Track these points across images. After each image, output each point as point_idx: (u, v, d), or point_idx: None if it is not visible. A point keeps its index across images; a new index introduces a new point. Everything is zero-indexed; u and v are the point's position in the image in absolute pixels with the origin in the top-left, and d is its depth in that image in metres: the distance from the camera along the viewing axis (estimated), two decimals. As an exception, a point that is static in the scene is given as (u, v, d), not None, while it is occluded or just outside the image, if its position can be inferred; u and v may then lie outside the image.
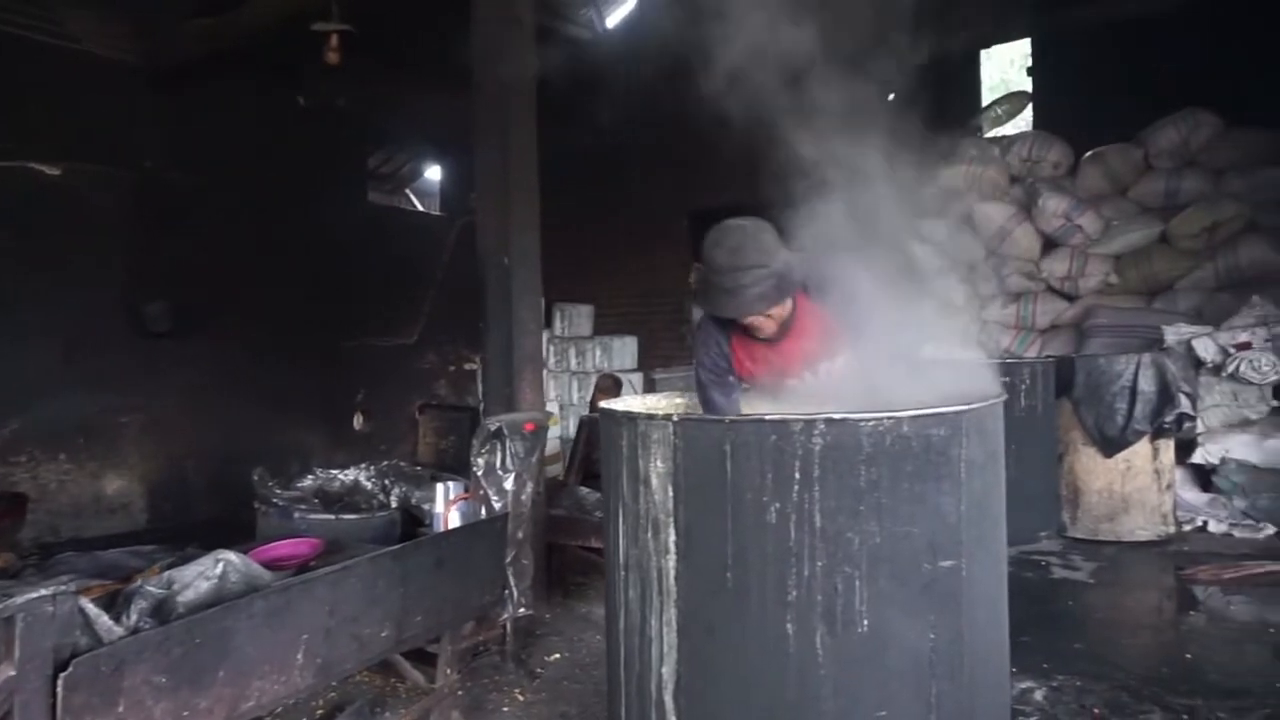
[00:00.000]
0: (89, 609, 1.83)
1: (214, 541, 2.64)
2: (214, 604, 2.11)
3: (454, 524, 3.38)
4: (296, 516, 3.59)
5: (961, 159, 7.11)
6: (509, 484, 3.27)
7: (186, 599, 2.17)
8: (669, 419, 1.74)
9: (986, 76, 8.33)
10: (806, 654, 1.62)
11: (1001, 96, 7.96)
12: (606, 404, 2.10)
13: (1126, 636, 3.68)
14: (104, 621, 1.86)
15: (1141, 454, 5.03)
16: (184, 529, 5.51)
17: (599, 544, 3.90)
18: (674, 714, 1.76)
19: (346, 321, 7.49)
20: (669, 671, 1.77)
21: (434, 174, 12.24)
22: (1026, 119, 7.85)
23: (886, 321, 2.23)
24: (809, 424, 1.61)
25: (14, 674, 1.64)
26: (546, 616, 4.01)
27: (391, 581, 2.61)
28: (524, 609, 3.33)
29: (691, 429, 1.73)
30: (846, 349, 2.28)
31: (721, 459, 1.66)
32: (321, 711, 3.07)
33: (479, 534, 3.14)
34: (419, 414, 6.80)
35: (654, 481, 1.77)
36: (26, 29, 5.77)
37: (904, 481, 1.63)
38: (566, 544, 4.27)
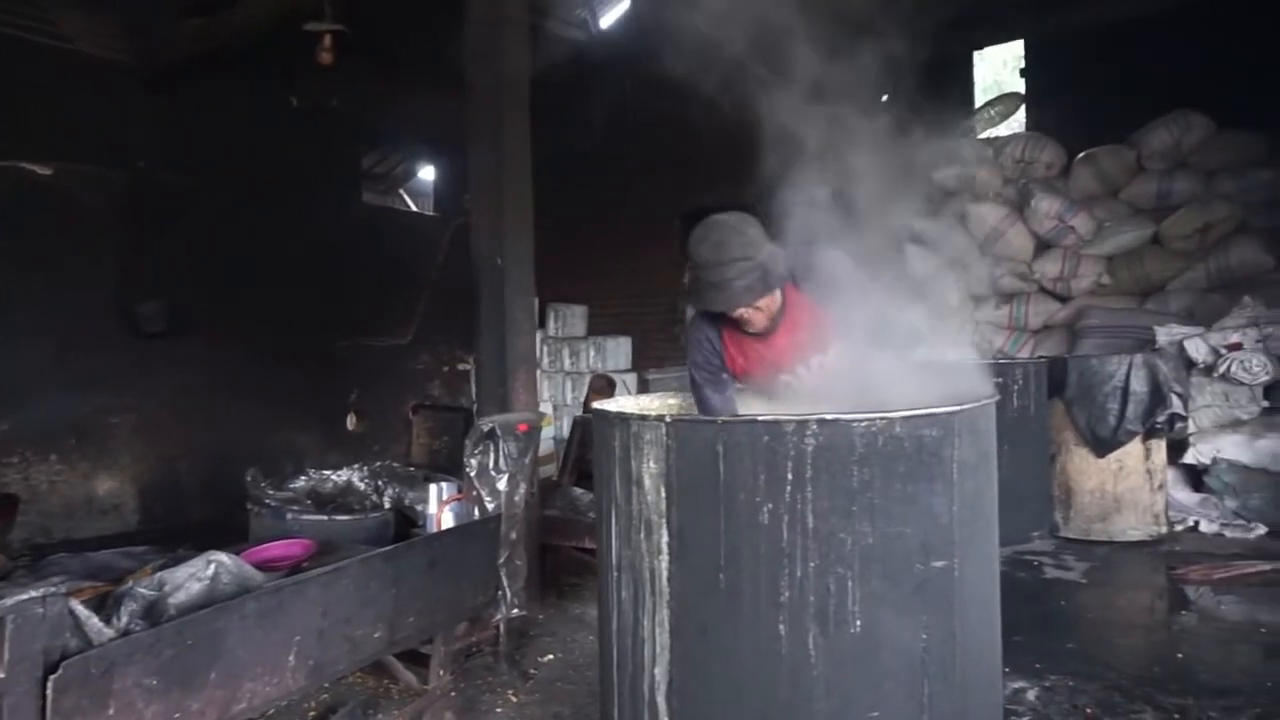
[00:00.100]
0: (79, 611, 1.82)
1: (206, 542, 2.63)
2: (206, 605, 2.10)
3: (447, 525, 3.37)
4: (289, 517, 3.58)
5: (955, 160, 7.13)
6: (502, 485, 3.27)
7: (178, 600, 2.16)
8: (661, 419, 1.74)
9: (979, 78, 8.35)
10: (799, 655, 1.62)
11: (995, 98, 7.97)
12: (599, 404, 2.10)
13: (1118, 636, 3.69)
14: (94, 623, 1.85)
15: (1134, 454, 5.06)
16: (176, 530, 5.49)
17: (593, 545, 3.89)
18: (666, 715, 1.76)
19: (340, 322, 7.47)
20: (661, 672, 1.77)
21: (428, 174, 12.22)
22: (1019, 120, 7.88)
23: (877, 311, 2.24)
24: (801, 424, 1.61)
25: (3, 676, 1.64)
26: (540, 617, 4.01)
27: (384, 582, 2.61)
28: (517, 610, 3.32)
29: (684, 430, 1.73)
30: (838, 341, 2.28)
31: (714, 459, 1.66)
32: (314, 713, 3.07)
33: (472, 535, 3.14)
34: (413, 414, 6.79)
35: (647, 482, 1.77)
36: (19, 29, 5.74)
37: (896, 482, 1.63)
38: (560, 545, 4.26)
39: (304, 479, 4.16)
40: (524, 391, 4.13)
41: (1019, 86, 7.88)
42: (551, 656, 3.60)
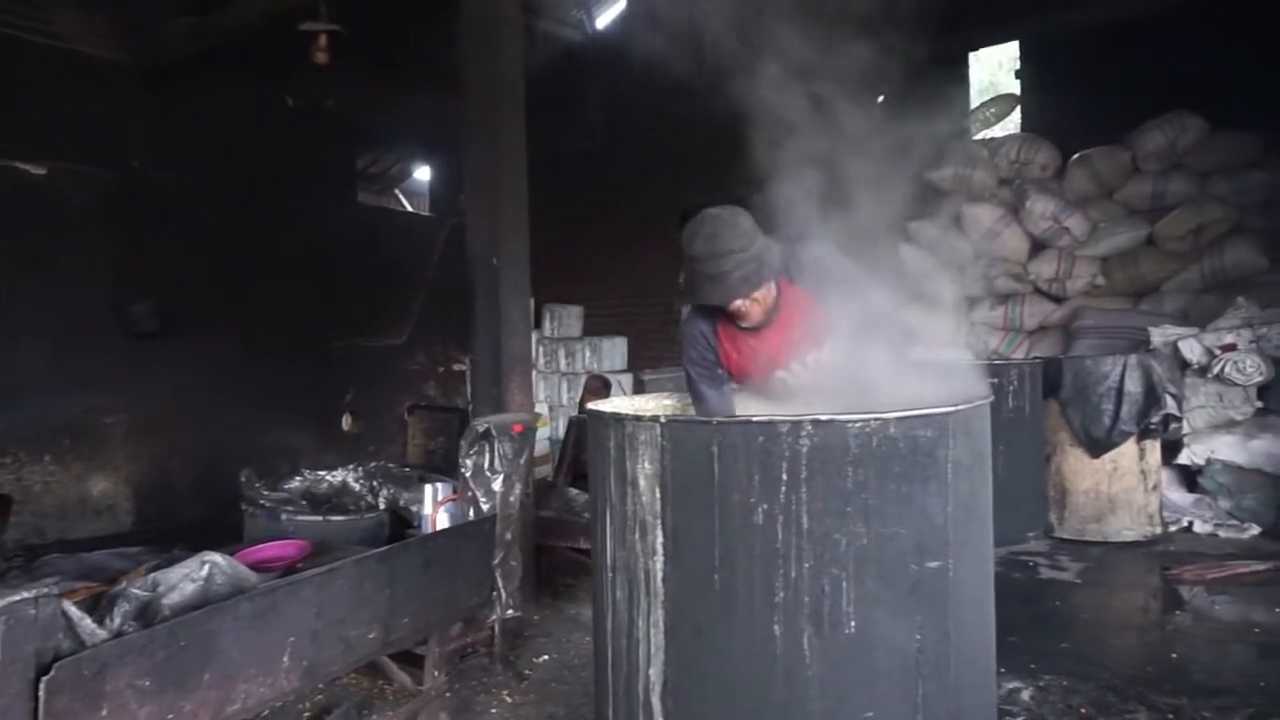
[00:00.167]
0: (72, 612, 1.82)
1: (200, 543, 2.62)
2: (199, 606, 2.09)
3: (442, 525, 3.37)
4: (284, 518, 3.57)
5: (950, 160, 7.15)
6: (497, 485, 3.27)
7: (171, 601, 2.15)
8: (656, 420, 1.74)
9: (975, 79, 8.36)
10: (794, 655, 1.62)
11: (990, 99, 7.99)
12: (594, 405, 2.10)
13: (1113, 636, 3.70)
14: (87, 624, 1.84)
15: (1128, 455, 5.07)
16: (170, 531, 5.48)
17: (588, 545, 3.89)
18: (661, 715, 1.76)
19: (335, 322, 7.46)
20: (656, 673, 1.77)
21: (423, 174, 12.21)
22: (1015, 121, 7.89)
23: (871, 305, 2.24)
24: (796, 425, 1.61)
25: (-5, 677, 1.63)
26: (535, 618, 4.01)
27: (379, 583, 2.60)
28: (512, 610, 3.32)
29: (679, 430, 1.73)
30: (832, 336, 2.28)
31: (709, 460, 1.66)
32: (308, 714, 3.06)
33: (467, 535, 3.13)
34: (408, 415, 6.77)
35: (641, 483, 1.77)
36: (13, 28, 5.73)
37: (891, 483, 1.63)
38: (555, 545, 4.26)
39: (299, 479, 4.16)
40: (519, 392, 4.12)
41: (1014, 88, 7.89)
42: (546, 657, 3.60)
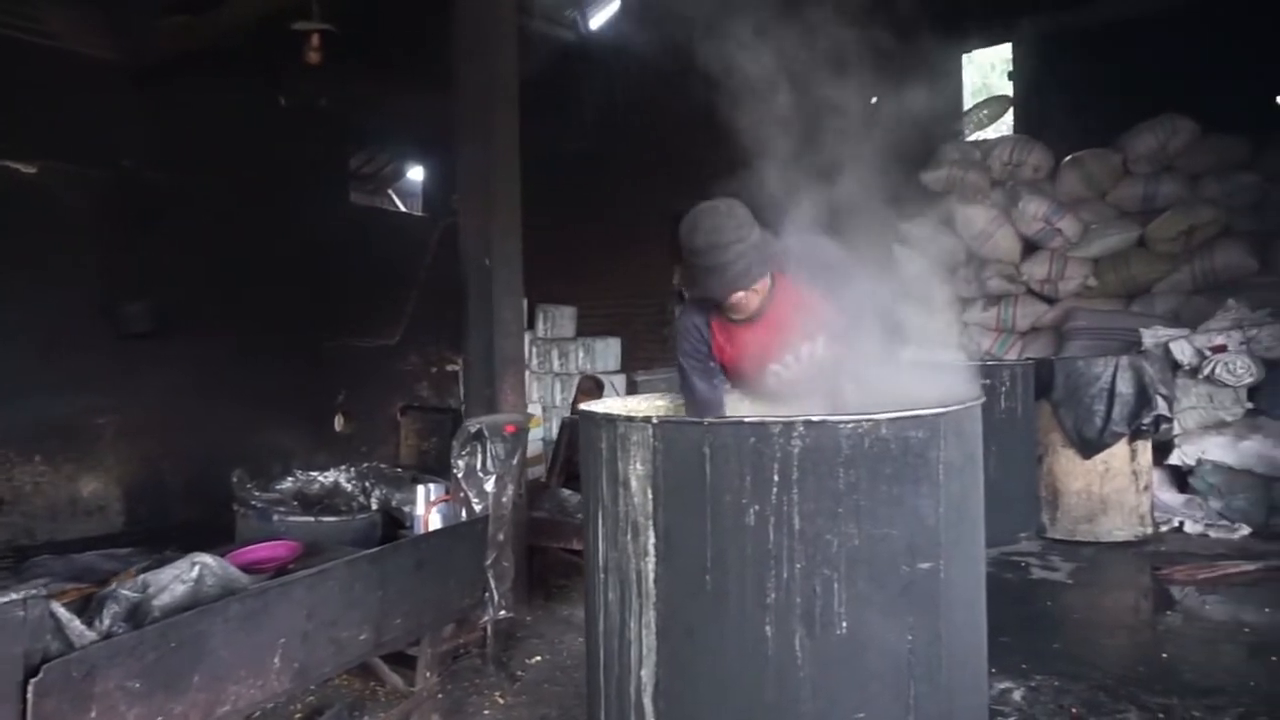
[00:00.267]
0: (60, 613, 1.81)
1: (192, 544, 2.61)
2: (190, 607, 2.09)
3: (434, 526, 3.37)
4: (275, 519, 3.56)
5: (943, 162, 7.17)
6: (489, 486, 3.26)
7: (162, 602, 2.15)
8: (648, 421, 1.74)
9: (968, 80, 8.39)
10: (785, 656, 1.62)
11: (983, 100, 8.02)
12: (586, 406, 2.10)
13: (1104, 636, 3.71)
14: (76, 626, 1.83)
15: (1119, 455, 5.08)
16: (162, 531, 5.46)
17: (580, 546, 3.89)
18: (653, 716, 1.76)
19: (328, 322, 7.44)
20: (648, 674, 1.76)
21: (416, 174, 12.19)
22: (1008, 123, 7.91)
23: (864, 297, 2.24)
24: (788, 426, 1.61)
25: (-17, 680, 1.62)
26: (527, 619, 4.00)
27: (370, 584, 2.60)
28: (504, 611, 3.31)
29: (671, 431, 1.72)
30: (826, 330, 2.28)
31: (701, 461, 1.66)
32: (299, 716, 3.05)
33: (459, 536, 3.13)
34: (401, 415, 6.76)
35: (633, 484, 1.76)
36: (4, 26, 5.70)
37: (882, 484, 1.63)
38: (548, 546, 4.25)
39: (291, 480, 4.15)
40: (512, 393, 4.12)
41: (1007, 89, 7.92)
42: (539, 658, 3.59)
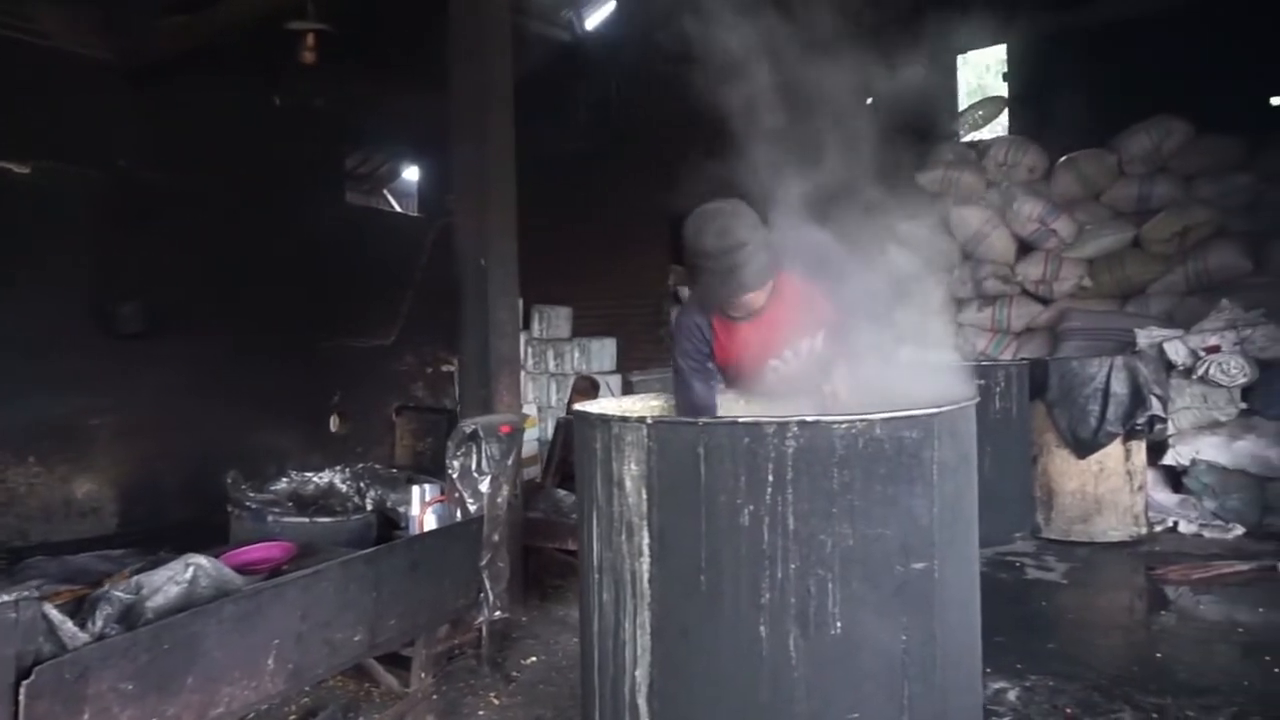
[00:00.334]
0: (53, 615, 1.80)
1: (186, 545, 2.60)
2: (183, 609, 2.08)
3: (430, 527, 3.36)
4: (270, 520, 3.56)
5: (939, 163, 7.18)
6: (485, 486, 3.26)
7: (155, 604, 2.14)
8: (643, 421, 1.74)
9: (963, 81, 8.40)
10: (780, 656, 1.62)
11: (978, 101, 8.03)
12: (581, 406, 2.09)
13: (1099, 636, 3.71)
14: (68, 628, 1.83)
15: (1114, 456, 5.10)
16: (156, 533, 5.42)
17: (576, 547, 3.89)
18: (647, 716, 1.76)
19: (323, 322, 7.41)
20: (643, 674, 1.76)
21: (412, 175, 12.17)
22: (1003, 124, 7.93)
23: (863, 293, 2.24)
24: (782, 426, 1.61)
25: (-25, 681, 1.62)
26: (523, 619, 3.99)
27: (365, 585, 2.59)
28: (499, 612, 3.31)
29: (665, 431, 1.72)
30: (824, 325, 2.28)
31: (695, 461, 1.66)
32: (294, 717, 3.04)
33: (454, 537, 3.13)
34: (396, 416, 6.75)
35: (628, 484, 1.76)
36: (-2, 25, 5.68)
37: (876, 484, 1.63)
38: (543, 547, 4.25)
39: (285, 481, 4.14)
40: (507, 393, 4.11)
41: (1002, 90, 7.93)
42: (534, 659, 3.59)
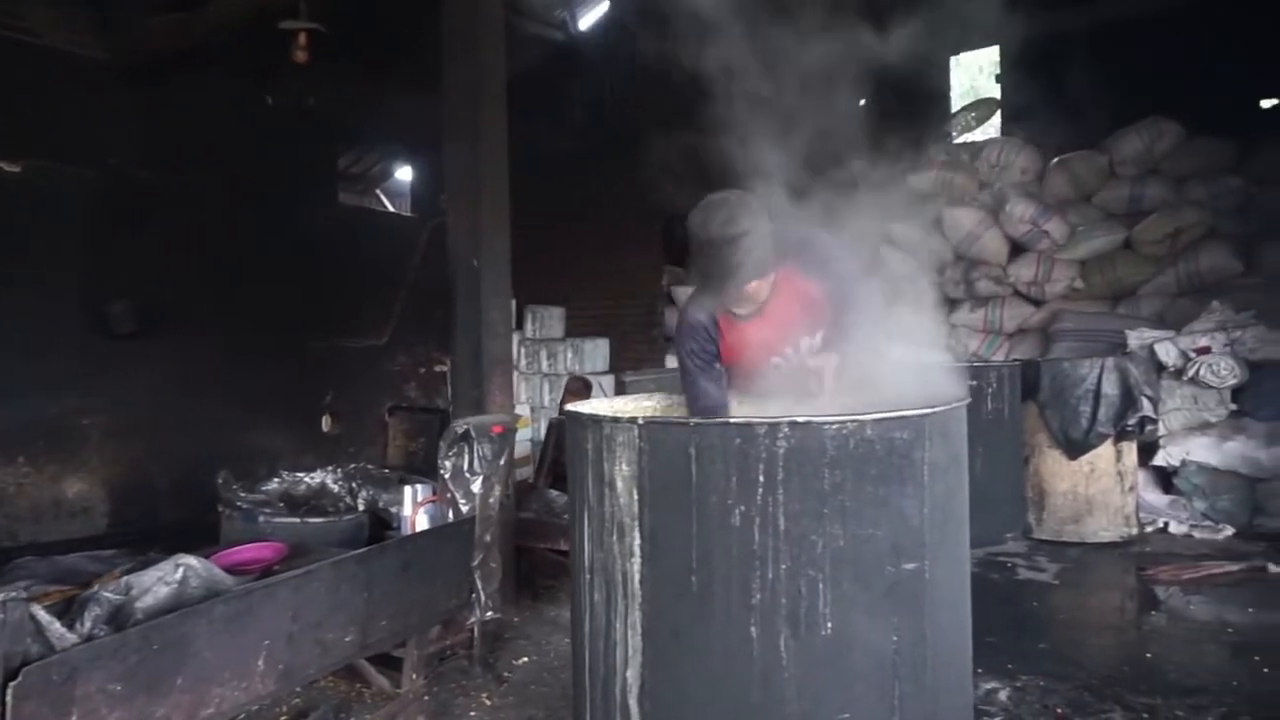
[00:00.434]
0: (40, 616, 1.79)
1: (177, 546, 2.59)
2: (173, 609, 2.07)
3: (421, 527, 3.35)
4: (261, 520, 3.54)
5: (931, 164, 7.20)
6: (476, 487, 3.25)
7: (145, 605, 2.13)
8: (634, 422, 1.74)
9: (956, 83, 8.43)
10: (771, 657, 1.62)
11: (971, 103, 8.05)
12: (572, 406, 2.09)
13: (1090, 636, 3.73)
14: (56, 628, 1.82)
15: (1105, 456, 5.11)
16: (147, 533, 5.39)
17: (568, 547, 3.88)
18: (639, 717, 1.76)
19: (315, 322, 7.39)
20: (633, 675, 1.76)
21: (405, 174, 12.14)
22: (995, 125, 7.95)
23: (860, 287, 2.24)
24: (773, 427, 1.61)
25: (-39, 683, 1.61)
26: (515, 620, 3.99)
27: (356, 585, 2.58)
28: (491, 612, 3.30)
29: (657, 432, 1.72)
30: (824, 321, 2.27)
31: (686, 462, 1.66)
32: (285, 718, 3.03)
33: (446, 537, 3.12)
34: (389, 416, 6.74)
35: (619, 484, 1.76)
36: (-14, 23, 5.65)
37: (867, 484, 1.64)
38: (535, 547, 4.24)
39: (277, 481, 4.13)
40: (500, 393, 4.11)
41: (995, 92, 7.96)
42: (526, 659, 3.59)
